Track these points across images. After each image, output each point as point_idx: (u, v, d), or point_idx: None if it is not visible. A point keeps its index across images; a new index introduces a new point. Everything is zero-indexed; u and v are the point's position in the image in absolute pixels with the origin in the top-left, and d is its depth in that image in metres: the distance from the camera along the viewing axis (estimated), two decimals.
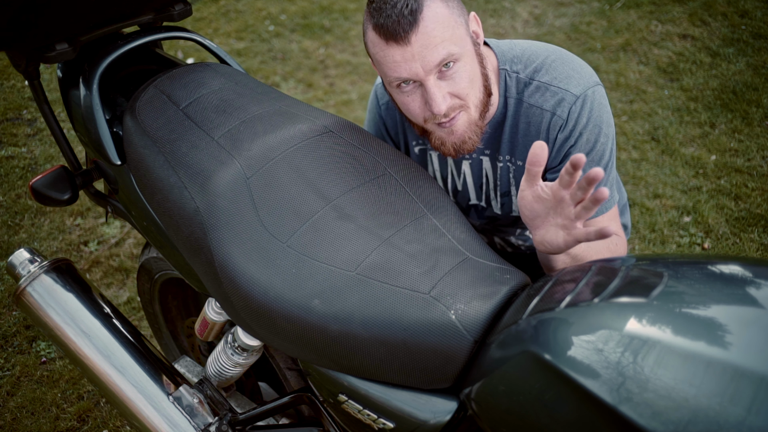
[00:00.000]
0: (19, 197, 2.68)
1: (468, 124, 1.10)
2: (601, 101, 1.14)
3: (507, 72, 1.17)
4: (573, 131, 1.13)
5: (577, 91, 1.13)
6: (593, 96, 1.13)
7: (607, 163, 1.16)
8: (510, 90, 1.17)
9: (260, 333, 1.05)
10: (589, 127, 1.13)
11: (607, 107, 1.16)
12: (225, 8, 4.11)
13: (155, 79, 1.26)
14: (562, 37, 3.69)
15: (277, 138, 1.12)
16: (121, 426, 1.89)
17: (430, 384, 0.93)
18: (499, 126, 1.21)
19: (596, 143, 1.13)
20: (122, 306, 2.25)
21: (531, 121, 1.17)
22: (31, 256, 1.32)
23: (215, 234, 1.03)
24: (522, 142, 1.20)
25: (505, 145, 1.22)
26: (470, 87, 1.07)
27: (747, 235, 2.45)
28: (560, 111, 1.13)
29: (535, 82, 1.15)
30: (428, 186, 1.12)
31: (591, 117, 1.13)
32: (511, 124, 1.19)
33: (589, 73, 1.16)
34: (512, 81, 1.17)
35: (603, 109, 1.15)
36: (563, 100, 1.13)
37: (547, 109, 1.14)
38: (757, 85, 3.22)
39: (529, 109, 1.16)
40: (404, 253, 0.99)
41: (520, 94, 1.17)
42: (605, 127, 1.14)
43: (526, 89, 1.16)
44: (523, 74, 1.16)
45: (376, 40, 1.03)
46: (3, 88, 3.34)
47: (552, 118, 1.14)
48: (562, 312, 0.77)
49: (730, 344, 0.65)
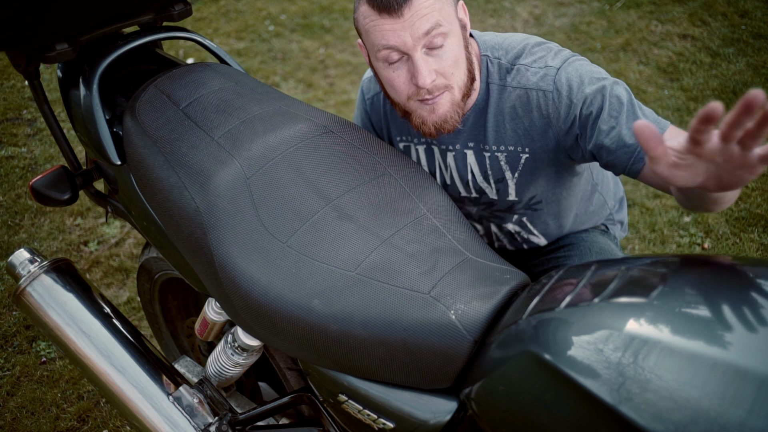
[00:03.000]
0: (19, 197, 2.68)
1: (451, 104, 1.11)
2: (583, 63, 1.13)
3: (489, 58, 1.18)
4: (571, 94, 1.10)
5: (556, 64, 1.13)
6: (574, 61, 1.13)
7: (630, 99, 1.08)
8: (492, 76, 1.18)
9: (260, 333, 1.05)
10: (586, 81, 1.10)
11: (595, 66, 1.13)
12: (225, 8, 4.11)
13: (155, 79, 1.26)
14: (562, 37, 3.69)
15: (277, 138, 1.12)
16: (121, 426, 1.89)
17: (430, 384, 0.93)
18: (482, 113, 1.20)
19: (604, 87, 1.08)
20: (122, 306, 2.25)
21: (516, 103, 1.16)
22: (31, 256, 1.32)
23: (215, 234, 1.03)
24: (510, 127, 1.18)
25: (491, 133, 1.21)
26: (455, 67, 1.08)
27: (747, 235, 2.45)
28: (545, 85, 1.12)
29: (517, 66, 1.16)
30: (428, 186, 1.12)
31: (582, 75, 1.10)
32: (495, 111, 1.19)
33: (569, 52, 1.16)
34: (494, 67, 1.18)
35: (590, 66, 1.13)
36: (546, 75, 1.13)
37: (531, 87, 1.14)
38: (757, 85, 3.22)
39: (513, 92, 1.16)
40: (404, 253, 0.99)
41: (503, 80, 1.17)
42: (603, 76, 1.10)
43: (509, 74, 1.17)
44: (505, 60, 1.17)
45: (368, 12, 1.04)
46: (3, 88, 3.34)
47: (537, 94, 1.13)
48: (562, 312, 0.77)
49: (730, 344, 0.65)
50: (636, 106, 1.08)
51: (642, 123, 0.72)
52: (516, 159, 1.21)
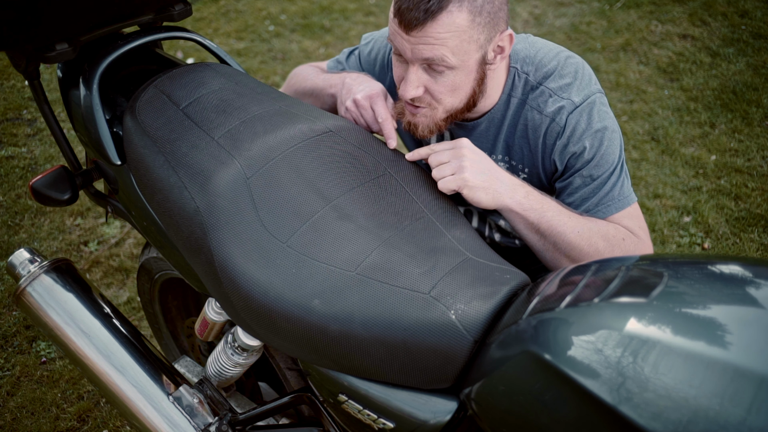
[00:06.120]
0: (19, 197, 2.68)
1: (429, 120, 1.14)
2: (600, 107, 1.15)
3: (517, 71, 1.18)
4: (572, 138, 1.13)
5: (577, 99, 1.13)
6: (593, 102, 1.14)
7: (616, 163, 1.16)
8: (516, 90, 1.18)
9: (260, 333, 1.05)
10: (590, 131, 1.13)
11: (609, 112, 1.17)
12: (225, 8, 4.11)
13: (155, 79, 1.26)
14: (562, 37, 3.69)
15: (277, 138, 1.12)
16: (121, 426, 1.89)
17: (430, 384, 0.93)
18: (497, 123, 1.21)
19: (601, 146, 1.14)
20: (122, 306, 2.25)
21: (529, 124, 1.17)
22: (31, 256, 1.32)
23: (215, 234, 1.03)
24: (518, 143, 1.21)
25: (502, 144, 1.22)
26: (448, 95, 1.10)
27: (747, 235, 2.45)
28: (558, 118, 1.14)
29: (542, 87, 1.16)
30: (428, 186, 1.12)
31: (591, 122, 1.13)
32: (510, 123, 1.20)
33: (593, 81, 1.17)
34: (520, 81, 1.17)
35: (604, 113, 1.15)
36: (563, 107, 1.13)
37: (546, 114, 1.15)
38: (757, 85, 3.22)
39: (530, 112, 1.17)
40: (404, 253, 0.99)
41: (525, 96, 1.17)
42: (610, 128, 1.14)
43: (532, 92, 1.17)
44: (533, 77, 1.17)
45: (393, 10, 1.07)
46: (3, 88, 3.34)
47: (550, 124, 1.15)
48: (562, 312, 0.77)
49: (730, 344, 0.65)
50: (614, 177, 1.15)
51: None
52: (515, 174, 1.23)
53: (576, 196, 1.16)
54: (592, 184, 1.15)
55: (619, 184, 1.16)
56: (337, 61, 1.46)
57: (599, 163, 1.14)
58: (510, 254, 1.46)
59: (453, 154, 1.08)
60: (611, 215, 1.16)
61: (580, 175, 1.15)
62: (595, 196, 1.15)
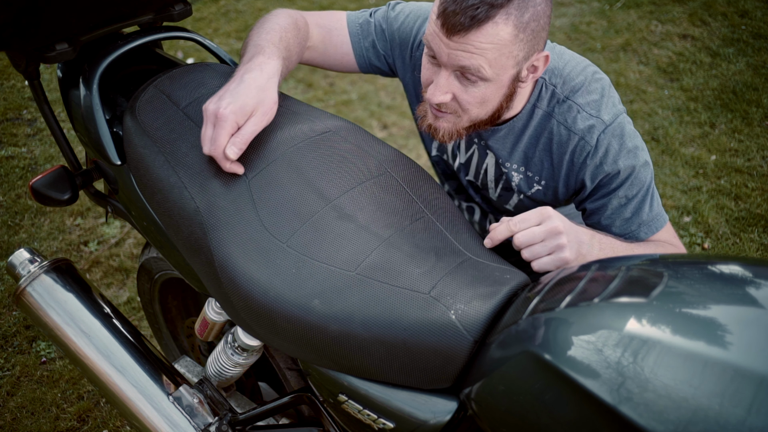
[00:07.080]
0: (19, 197, 2.68)
1: (450, 126, 1.12)
2: (628, 126, 1.16)
3: (545, 82, 1.16)
4: (605, 159, 1.13)
5: (606, 118, 1.13)
6: (622, 122, 1.14)
7: (649, 182, 1.16)
8: (542, 101, 1.16)
9: (260, 333, 1.05)
10: (623, 152, 1.13)
11: (635, 131, 1.17)
12: (225, 8, 4.11)
13: (155, 79, 1.26)
14: (562, 37, 3.69)
15: (277, 138, 1.12)
16: (121, 426, 1.89)
17: (430, 384, 0.93)
18: (518, 132, 1.20)
19: (635, 167, 1.14)
20: (122, 306, 2.25)
21: (554, 138, 1.16)
22: (31, 256, 1.32)
23: (215, 234, 1.03)
24: (539, 156, 1.20)
25: (519, 153, 1.21)
26: (476, 106, 1.07)
27: (747, 235, 2.45)
28: (589, 137, 1.13)
29: (570, 102, 1.14)
30: (428, 186, 1.12)
31: (624, 143, 1.13)
32: (532, 134, 1.19)
33: (618, 99, 1.17)
34: (547, 93, 1.16)
35: (633, 133, 1.16)
36: (593, 126, 1.12)
37: (575, 131, 1.14)
38: (757, 85, 3.22)
39: (556, 126, 1.15)
40: (404, 253, 0.99)
41: (550, 108, 1.16)
42: (640, 147, 1.15)
43: (559, 106, 1.15)
44: (560, 90, 1.15)
45: (435, 11, 1.02)
46: (3, 88, 3.34)
47: (579, 142, 1.14)
48: (562, 312, 0.77)
49: (730, 344, 0.65)
50: (648, 197, 1.16)
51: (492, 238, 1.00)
52: (529, 185, 1.23)
53: (615, 218, 1.17)
54: (629, 204, 1.15)
55: (655, 203, 1.17)
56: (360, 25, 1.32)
57: (633, 183, 1.14)
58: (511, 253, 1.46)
59: (547, 233, 0.98)
60: (654, 234, 1.18)
61: (616, 196, 1.15)
62: (637, 217, 1.16)
